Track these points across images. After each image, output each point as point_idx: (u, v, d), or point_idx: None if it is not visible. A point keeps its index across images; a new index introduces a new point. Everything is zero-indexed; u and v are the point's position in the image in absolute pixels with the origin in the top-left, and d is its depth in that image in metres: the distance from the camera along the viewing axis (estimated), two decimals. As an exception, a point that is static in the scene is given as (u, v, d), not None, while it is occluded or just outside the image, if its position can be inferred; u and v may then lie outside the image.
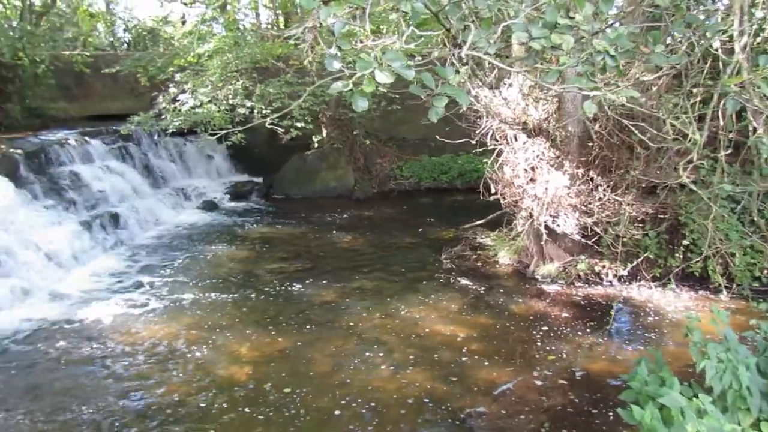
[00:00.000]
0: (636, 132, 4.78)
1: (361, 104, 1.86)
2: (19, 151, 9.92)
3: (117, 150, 12.36)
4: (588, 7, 2.40)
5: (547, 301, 7.38)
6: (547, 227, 7.63)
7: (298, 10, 14.95)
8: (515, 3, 2.65)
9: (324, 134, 14.22)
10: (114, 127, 12.67)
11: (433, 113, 2.06)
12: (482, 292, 7.70)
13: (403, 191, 14.23)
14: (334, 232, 10.89)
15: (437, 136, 9.10)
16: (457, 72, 2.22)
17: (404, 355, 6.02)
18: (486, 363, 5.81)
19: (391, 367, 5.77)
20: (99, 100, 15.82)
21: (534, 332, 6.49)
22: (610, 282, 7.67)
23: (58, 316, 7.12)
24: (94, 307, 7.37)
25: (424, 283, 8.10)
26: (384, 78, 1.79)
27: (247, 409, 5.06)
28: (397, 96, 11.39)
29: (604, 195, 7.32)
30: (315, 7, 1.63)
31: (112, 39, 20.57)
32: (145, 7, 33.93)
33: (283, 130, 10.45)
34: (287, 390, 5.35)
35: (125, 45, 20.56)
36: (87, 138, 11.84)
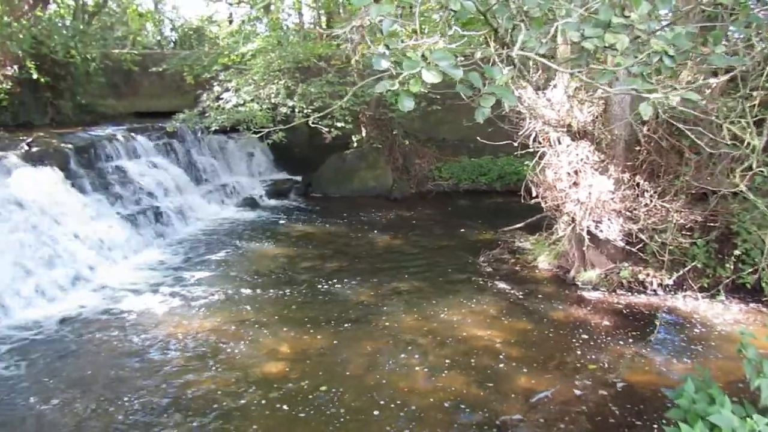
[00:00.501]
0: (691, 136, 4.59)
1: (407, 104, 1.82)
2: (70, 145, 10.25)
3: (162, 146, 12.64)
4: (644, 5, 2.30)
5: (588, 308, 7.19)
6: (589, 232, 7.44)
7: (341, 10, 15.03)
8: (565, 2, 2.57)
9: (363, 134, 14.25)
10: (160, 124, 13.00)
11: (479, 114, 2.01)
12: (521, 296, 7.56)
13: (442, 192, 14.14)
14: (372, 231, 10.88)
15: (478, 137, 8.96)
16: (505, 72, 2.15)
17: (440, 358, 5.96)
18: (524, 369, 5.69)
19: (427, 370, 5.71)
20: (146, 98, 16.25)
21: (574, 340, 6.33)
22: (654, 291, 7.42)
23: (104, 307, 7.33)
24: (137, 299, 7.55)
25: (461, 285, 8.01)
26: (431, 78, 1.74)
27: (285, 407, 5.08)
28: (438, 96, 11.32)
29: (651, 201, 7.08)
30: (365, 5, 1.60)
31: (159, 38, 21.12)
32: (191, 6, 34.76)
33: (327, 130, 10.52)
34: (323, 388, 5.35)
35: (172, 44, 21.07)
36: (134, 134, 12.15)
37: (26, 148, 9.58)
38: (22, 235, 7.93)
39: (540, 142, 7.93)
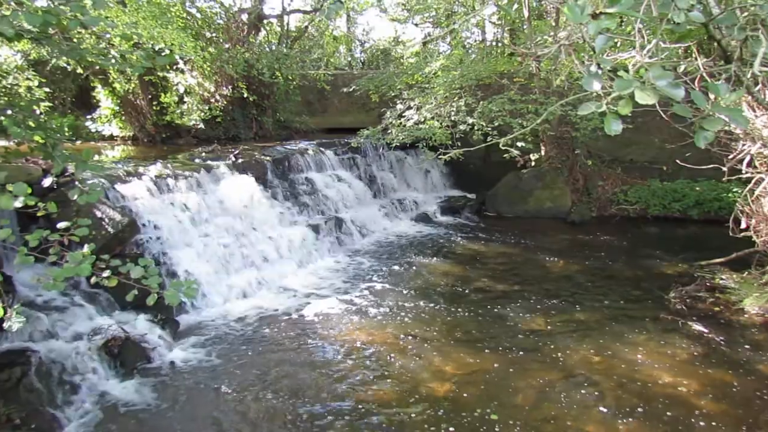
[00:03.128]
0: None
1: (615, 128, 1.65)
2: (268, 158, 11.37)
3: (346, 160, 13.45)
4: None
5: (810, 365, 6.06)
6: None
7: (525, 27, 14.74)
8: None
9: (543, 152, 13.74)
10: (345, 140, 13.85)
11: (700, 137, 1.76)
12: (720, 342, 6.62)
13: (626, 218, 13.02)
14: (546, 255, 10.40)
15: (677, 160, 8.10)
16: (733, 90, 1.86)
17: (619, 401, 5.43)
18: (723, 429, 4.95)
19: (604, 411, 5.24)
20: (334, 115, 17.49)
21: (790, 402, 5.36)
22: None
23: (285, 309, 7.93)
24: (315, 304, 8.05)
25: (645, 322, 7.26)
26: (646, 98, 1.56)
27: (451, 429, 5.01)
28: (628, 115, 10.49)
29: None
30: (582, 22, 1.49)
31: (350, 59, 22.60)
32: (381, 28, 36.79)
33: (518, 152, 10.32)
34: (494, 417, 5.17)
35: (360, 64, 22.43)
36: (322, 149, 13.10)
37: (233, 159, 10.81)
38: (225, 236, 8.93)
39: (755, 167, 6.91)
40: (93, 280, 3.23)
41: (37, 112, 4.26)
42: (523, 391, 5.63)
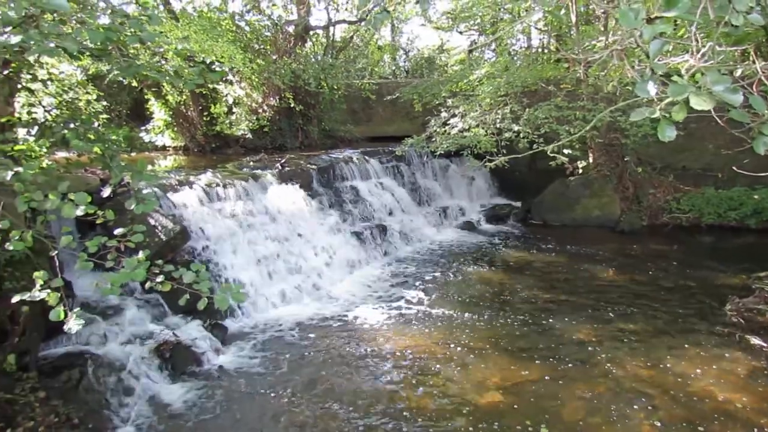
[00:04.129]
0: None
1: (669, 133, 1.61)
2: (314, 166, 11.53)
3: (390, 169, 13.51)
4: None
5: None
6: None
7: (572, 32, 14.51)
8: None
9: (590, 160, 13.45)
10: (389, 148, 13.91)
11: (760, 143, 1.69)
12: (783, 358, 6.31)
13: (679, 227, 12.58)
14: (594, 264, 10.15)
15: (733, 167, 7.79)
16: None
17: (672, 416, 5.24)
18: (785, 448, 4.71)
19: (657, 426, 5.06)
20: (379, 123, 17.60)
21: None
22: None
23: (329, 315, 8.00)
24: (359, 311, 8.09)
25: (700, 335, 6.99)
26: (702, 104, 1.51)
27: (494, 439, 4.95)
28: (680, 121, 10.17)
29: None
30: (638, 27, 1.46)
31: (394, 68, 22.73)
32: (425, 36, 36.88)
33: (567, 160, 10.15)
34: (545, 430, 5.07)
35: (404, 73, 22.53)
36: (366, 157, 13.19)
37: (279, 168, 11.01)
38: (272, 243, 9.10)
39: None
40: (147, 285, 3.35)
41: (96, 124, 4.46)
42: (570, 404, 5.50)
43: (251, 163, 11.73)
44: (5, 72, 4.73)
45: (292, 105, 14.76)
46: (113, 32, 2.58)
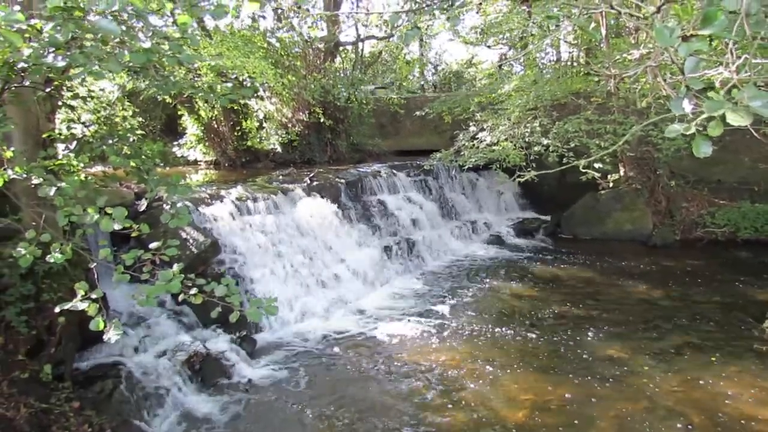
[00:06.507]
0: None
1: (705, 149, 1.59)
2: (342, 180, 11.61)
3: (418, 182, 13.50)
4: None
5: None
6: None
7: (602, 45, 14.39)
8: None
9: (621, 173, 13.25)
10: (417, 162, 13.93)
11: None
12: (826, 379, 6.08)
13: (714, 241, 12.27)
14: (626, 280, 9.95)
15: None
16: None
17: (711, 438, 5.09)
18: (831, 474, 4.52)
19: (693, 450, 4.92)
20: (407, 137, 17.64)
21: None
22: None
23: (357, 329, 8.00)
24: (386, 326, 8.07)
25: (737, 352, 6.79)
26: (739, 120, 1.49)
27: (522, 458, 4.87)
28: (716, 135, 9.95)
29: None
30: (673, 45, 1.45)
31: (423, 82, 22.83)
32: (454, 50, 37.02)
33: (600, 175, 10.02)
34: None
35: (433, 86, 22.60)
36: (394, 171, 13.22)
37: (308, 182, 11.12)
38: (301, 257, 9.17)
39: None
40: (180, 297, 3.41)
41: (132, 139, 4.59)
42: (602, 422, 5.39)
43: (281, 178, 11.87)
44: (47, 89, 4.91)
45: (321, 119, 14.92)
46: (153, 53, 2.67)
